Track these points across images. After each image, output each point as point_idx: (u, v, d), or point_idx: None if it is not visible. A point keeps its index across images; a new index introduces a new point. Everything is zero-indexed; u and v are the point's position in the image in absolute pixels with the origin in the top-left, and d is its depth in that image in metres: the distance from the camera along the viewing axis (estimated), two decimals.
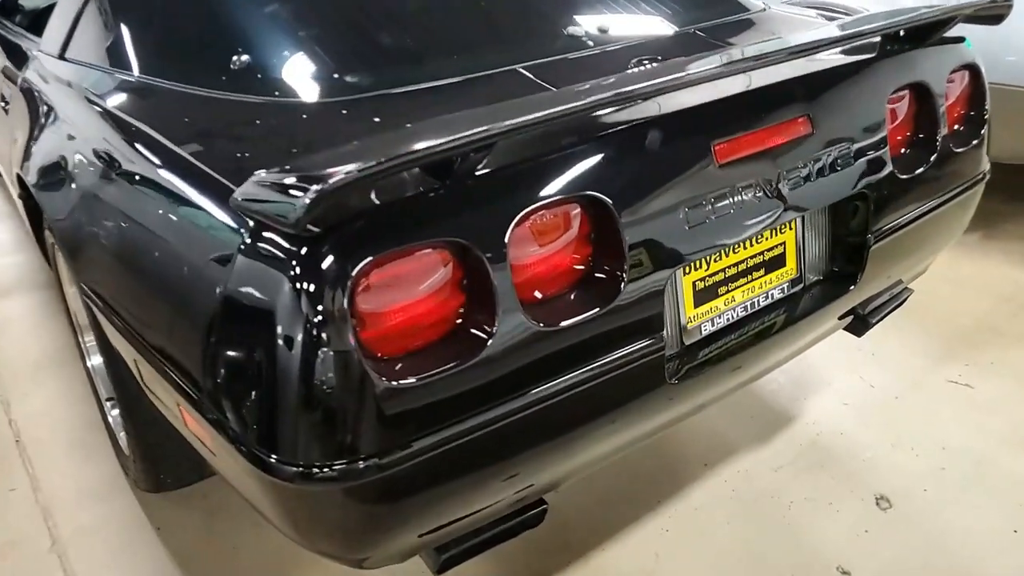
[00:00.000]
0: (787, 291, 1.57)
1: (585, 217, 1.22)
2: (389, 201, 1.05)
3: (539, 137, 1.17)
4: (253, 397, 1.07)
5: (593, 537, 1.83)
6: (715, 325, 1.46)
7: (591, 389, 1.22)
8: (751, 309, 1.51)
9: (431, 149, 0.96)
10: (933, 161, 1.65)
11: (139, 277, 1.32)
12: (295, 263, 1.01)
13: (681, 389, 1.37)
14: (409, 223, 1.06)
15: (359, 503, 1.11)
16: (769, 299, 1.54)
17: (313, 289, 1.00)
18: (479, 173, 1.11)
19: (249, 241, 1.07)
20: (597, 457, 1.39)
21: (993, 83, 1.82)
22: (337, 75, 1.43)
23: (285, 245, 1.02)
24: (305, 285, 1.00)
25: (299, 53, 1.46)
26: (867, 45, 1.59)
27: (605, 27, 1.66)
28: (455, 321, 1.13)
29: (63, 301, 2.19)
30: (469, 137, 0.99)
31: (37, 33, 2.17)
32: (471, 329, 1.12)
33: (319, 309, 1.00)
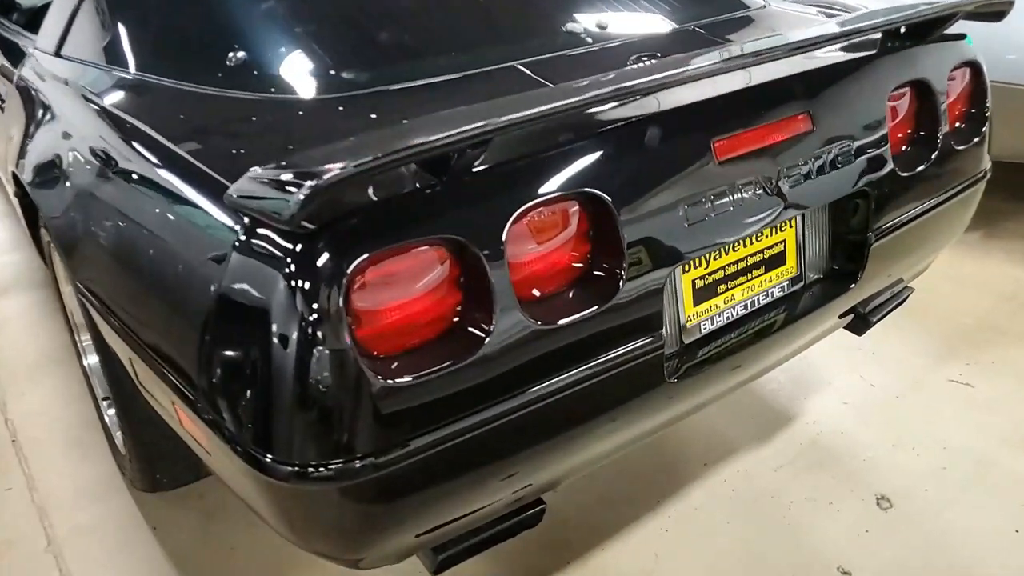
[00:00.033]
0: (787, 289, 1.56)
1: (583, 214, 1.21)
2: (385, 198, 1.04)
3: (537, 133, 1.16)
4: (248, 396, 1.06)
5: (592, 537, 1.82)
6: (715, 323, 1.45)
7: (589, 388, 1.22)
8: (751, 307, 1.50)
9: (427, 145, 0.95)
10: (934, 159, 1.64)
11: (134, 275, 1.31)
12: (290, 260, 1.00)
13: (680, 388, 1.36)
14: (405, 220, 1.05)
15: (355, 503, 1.11)
16: (769, 297, 1.53)
17: (308, 286, 0.99)
18: (476, 169, 1.10)
19: (244, 238, 1.06)
20: (596, 456, 1.38)
21: (993, 81, 1.82)
22: (334, 72, 1.42)
23: (280, 242, 1.01)
24: (300, 282, 0.99)
25: (295, 49, 1.45)
26: (868, 42, 1.58)
27: (604, 24, 1.65)
28: (452, 319, 1.12)
29: (60, 300, 2.18)
30: (465, 133, 0.98)
31: (34, 31, 2.16)
32: (468, 327, 1.11)
33: (314, 307, 0.99)
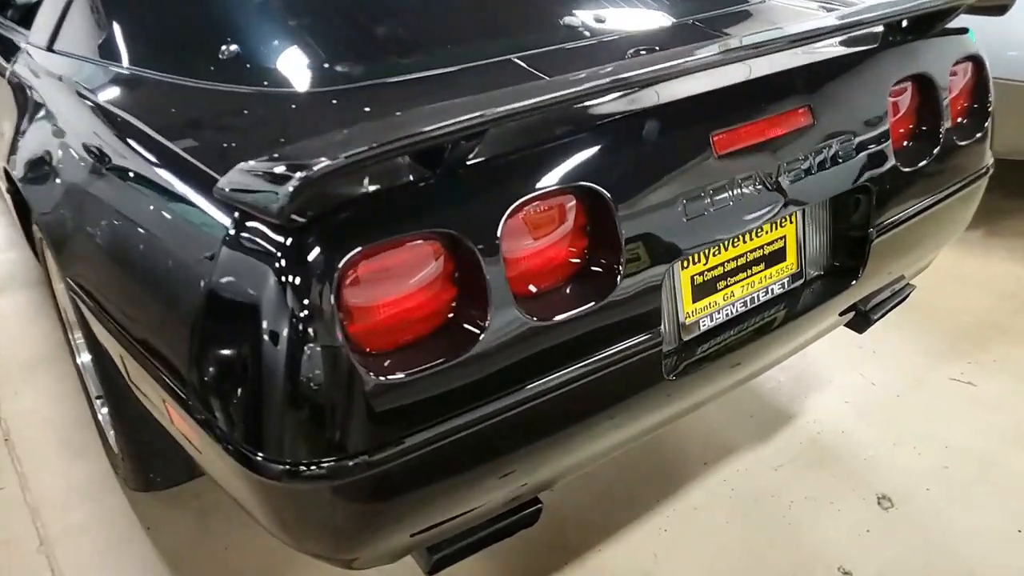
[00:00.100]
0: (787, 286, 1.54)
1: (580, 209, 1.19)
2: (378, 191, 1.02)
3: (533, 126, 1.15)
4: (238, 393, 1.04)
5: (590, 537, 1.80)
6: (714, 320, 1.44)
7: (587, 385, 1.20)
8: (751, 304, 1.49)
9: (420, 136, 0.93)
10: (936, 154, 1.62)
11: (124, 270, 1.29)
12: (280, 255, 0.98)
13: (679, 386, 1.35)
14: (398, 213, 1.03)
15: (348, 502, 1.09)
16: (769, 294, 1.51)
17: (299, 282, 0.97)
18: (471, 162, 1.09)
19: (233, 232, 1.04)
20: (593, 455, 1.37)
21: (995, 78, 1.80)
22: (327, 65, 1.40)
23: (270, 236, 0.99)
24: (290, 278, 0.97)
25: (289, 42, 1.44)
26: (869, 35, 1.56)
27: (602, 17, 1.63)
28: (446, 315, 1.10)
29: (53, 298, 2.17)
30: (459, 124, 0.96)
31: (28, 28, 2.14)
32: (463, 324, 1.09)
33: (305, 302, 0.97)
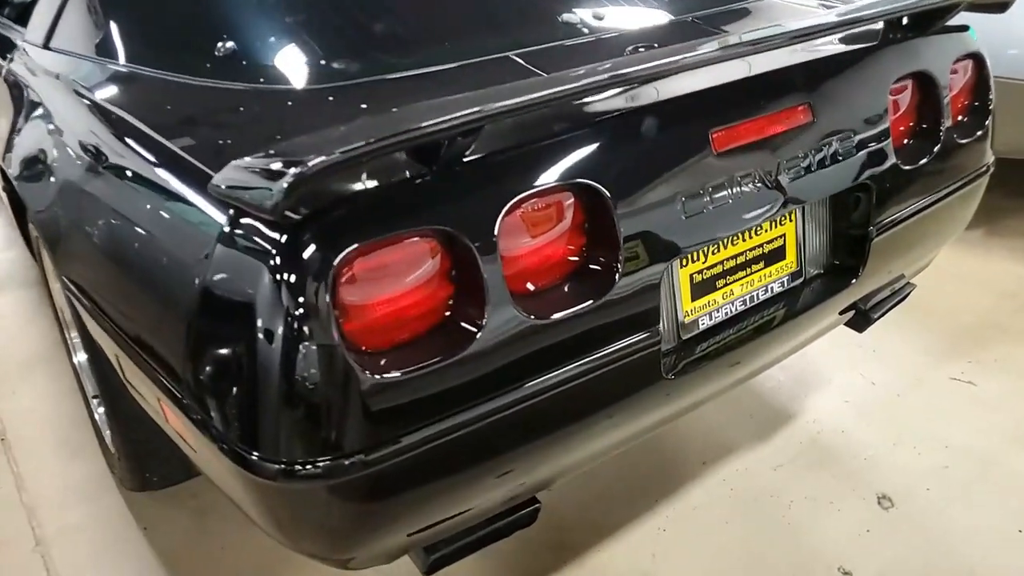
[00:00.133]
0: (787, 285, 1.53)
1: (578, 206, 1.18)
2: (374, 188, 1.01)
3: (531, 122, 1.14)
4: (233, 392, 1.03)
5: (588, 537, 1.79)
6: (713, 319, 1.43)
7: (585, 384, 1.19)
8: (750, 303, 1.48)
9: (416, 132, 0.92)
10: (936, 152, 1.61)
11: (119, 268, 1.28)
12: (275, 252, 0.97)
13: (678, 385, 1.34)
14: (394, 210, 1.02)
15: (344, 501, 1.08)
16: (769, 293, 1.50)
17: (294, 279, 0.96)
18: (468, 159, 1.08)
19: (228, 229, 1.03)
20: (592, 454, 1.36)
21: (995, 77, 1.79)
22: (324, 62, 1.39)
23: (265, 233, 0.99)
24: (285, 275, 0.96)
25: (285, 39, 1.43)
26: (869, 32, 1.56)
27: (600, 15, 1.62)
28: (443, 313, 1.09)
29: (50, 296, 2.16)
30: (456, 120, 0.95)
31: (25, 26, 2.13)
32: (460, 322, 1.08)
33: (300, 300, 0.96)
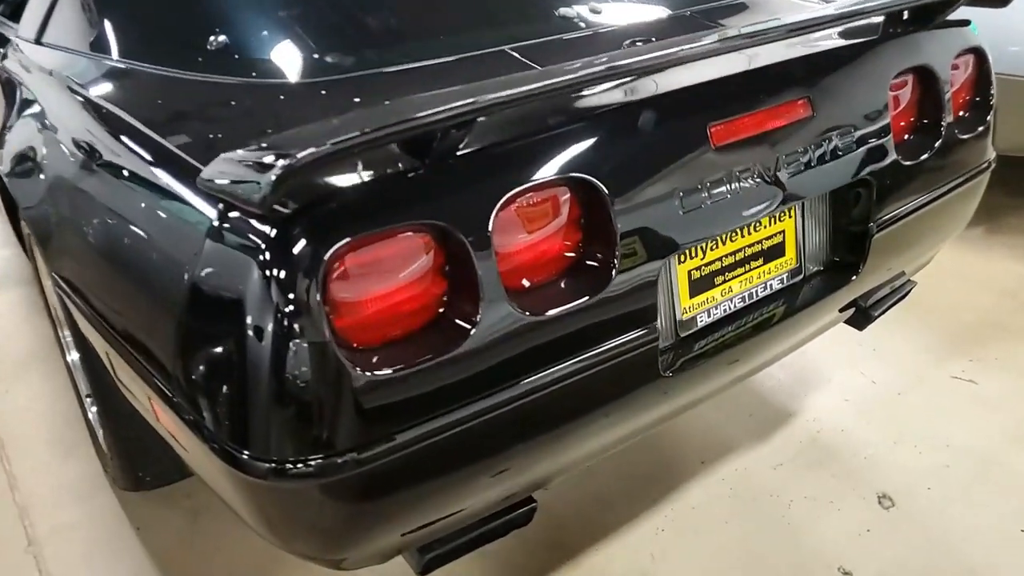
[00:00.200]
0: (786, 281, 1.52)
1: (574, 201, 1.16)
2: (365, 181, 1.00)
3: (526, 116, 1.12)
4: (223, 390, 1.02)
5: (586, 537, 1.78)
6: (711, 316, 1.41)
7: (581, 382, 1.17)
8: (749, 300, 1.46)
9: (407, 124, 0.91)
10: (937, 148, 1.60)
11: (109, 265, 1.27)
12: (264, 247, 0.95)
13: (676, 383, 1.32)
14: (387, 205, 1.00)
15: (337, 500, 1.07)
16: (768, 290, 1.49)
17: (284, 275, 0.94)
18: (462, 153, 1.06)
19: (217, 224, 1.02)
20: (589, 453, 1.34)
21: (996, 74, 1.78)
22: (317, 55, 1.37)
23: (254, 227, 0.97)
24: (275, 271, 0.95)
25: (278, 33, 1.41)
26: (869, 26, 1.54)
27: (597, 8, 1.61)
28: (436, 309, 1.07)
29: (43, 295, 2.14)
30: (449, 112, 0.93)
31: (18, 22, 2.11)
32: (453, 318, 1.07)
33: (290, 296, 0.94)
